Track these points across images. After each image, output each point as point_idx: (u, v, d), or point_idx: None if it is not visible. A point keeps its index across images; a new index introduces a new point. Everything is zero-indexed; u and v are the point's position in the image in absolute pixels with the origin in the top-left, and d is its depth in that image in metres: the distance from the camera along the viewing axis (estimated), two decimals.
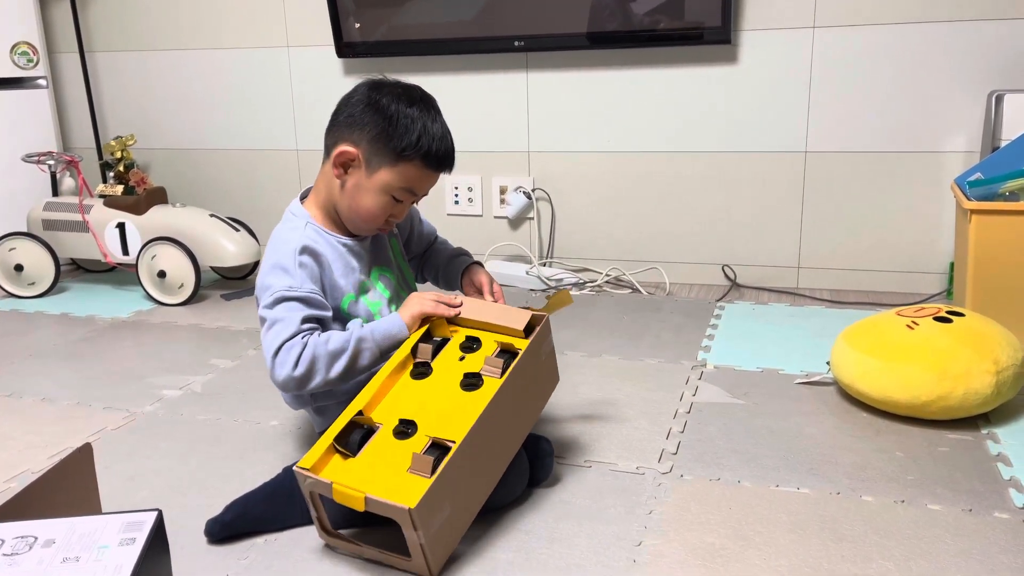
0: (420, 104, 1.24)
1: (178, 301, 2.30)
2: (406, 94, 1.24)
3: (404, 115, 1.21)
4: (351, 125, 1.24)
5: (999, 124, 1.91)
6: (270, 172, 2.72)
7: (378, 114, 1.22)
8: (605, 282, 2.38)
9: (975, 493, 1.20)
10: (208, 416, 1.56)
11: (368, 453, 1.06)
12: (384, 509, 0.99)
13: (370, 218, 1.27)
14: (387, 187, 1.24)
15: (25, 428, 1.53)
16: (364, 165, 1.23)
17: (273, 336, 1.18)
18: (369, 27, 2.43)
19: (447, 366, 1.18)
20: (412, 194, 1.27)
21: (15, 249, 2.39)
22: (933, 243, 2.17)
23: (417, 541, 0.99)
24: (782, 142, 2.23)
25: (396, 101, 1.22)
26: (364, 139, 1.22)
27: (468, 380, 1.14)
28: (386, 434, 1.08)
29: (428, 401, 1.13)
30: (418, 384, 1.16)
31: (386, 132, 1.21)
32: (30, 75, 2.66)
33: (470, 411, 1.08)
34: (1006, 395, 1.40)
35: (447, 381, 1.15)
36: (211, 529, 1.13)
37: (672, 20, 2.18)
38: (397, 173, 1.23)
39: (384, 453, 1.06)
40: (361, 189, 1.25)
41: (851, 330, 1.55)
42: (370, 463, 1.05)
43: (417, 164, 1.23)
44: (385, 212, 1.27)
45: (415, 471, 1.01)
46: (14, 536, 0.83)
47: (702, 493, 1.23)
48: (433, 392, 1.14)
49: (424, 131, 1.22)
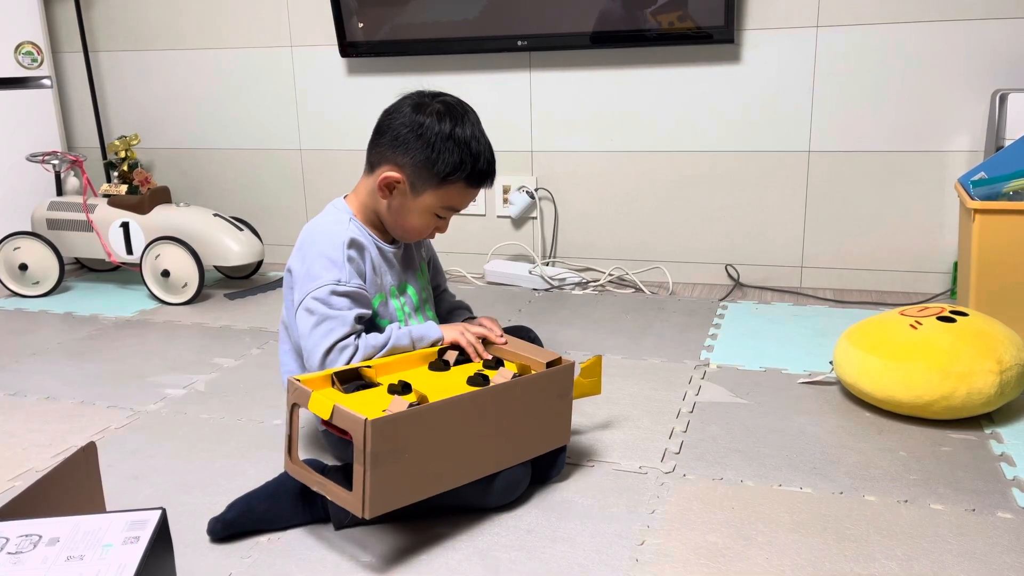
0: (462, 123, 1.26)
1: (182, 300, 2.30)
2: (448, 113, 1.26)
3: (449, 139, 1.24)
4: (395, 148, 1.26)
5: (1003, 123, 1.90)
6: (274, 172, 2.72)
7: (421, 139, 1.24)
8: (608, 281, 2.38)
9: (978, 493, 1.20)
10: (211, 415, 1.56)
11: (358, 395, 1.12)
12: (345, 420, 1.02)
13: (416, 233, 1.32)
14: (431, 208, 1.28)
15: (29, 427, 1.53)
16: (409, 188, 1.27)
17: (325, 331, 1.20)
18: (372, 26, 2.43)
19: (465, 371, 1.24)
20: (454, 210, 1.32)
21: (20, 248, 2.40)
22: (937, 243, 2.17)
23: (362, 470, 1.00)
24: (785, 141, 2.23)
25: (439, 122, 1.25)
26: (408, 164, 1.25)
27: (476, 377, 1.18)
28: (381, 390, 1.15)
29: (433, 383, 1.18)
30: (431, 373, 1.23)
31: (430, 159, 1.24)
32: (34, 75, 2.66)
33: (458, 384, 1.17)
34: (1009, 395, 1.40)
35: (458, 377, 1.21)
36: (213, 528, 1.13)
37: (675, 20, 2.18)
38: (441, 195, 1.27)
39: (373, 399, 1.11)
40: (406, 209, 1.29)
41: (854, 330, 1.55)
42: (356, 400, 1.10)
43: (460, 186, 1.27)
44: (429, 227, 1.32)
45: (389, 411, 1.04)
46: (19, 535, 0.83)
47: (705, 492, 1.23)
48: (441, 380, 1.20)
49: (467, 153, 1.25)
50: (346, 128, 2.60)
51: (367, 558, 1.08)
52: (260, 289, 2.42)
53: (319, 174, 2.68)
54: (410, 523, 1.15)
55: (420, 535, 1.13)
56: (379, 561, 1.08)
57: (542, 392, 1.20)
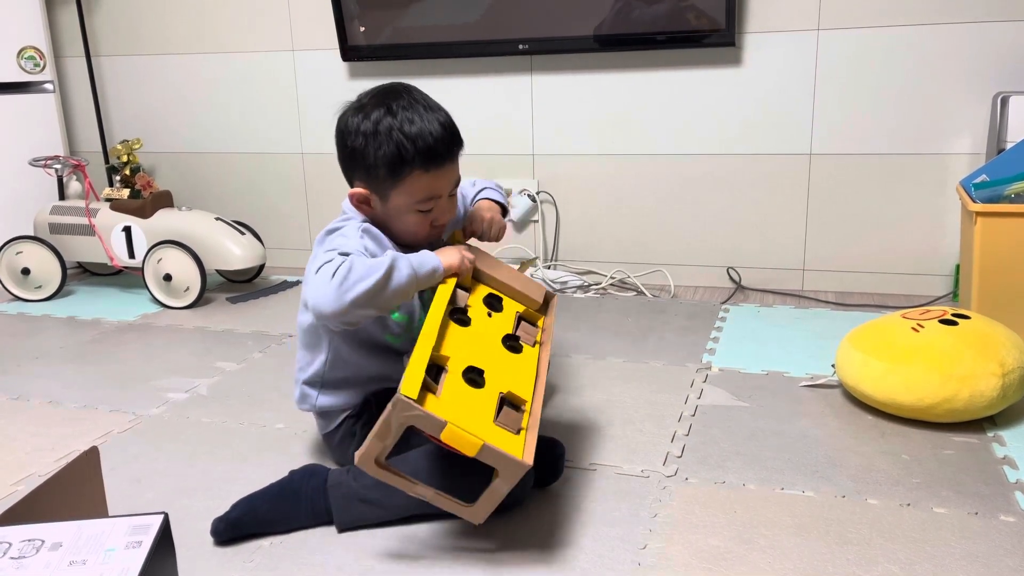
0: (389, 113, 1.20)
1: (184, 304, 2.30)
2: (369, 111, 1.21)
3: (374, 138, 1.19)
4: (346, 164, 1.27)
5: (1004, 126, 1.90)
6: (275, 176, 2.73)
7: (353, 151, 1.22)
8: (610, 285, 2.38)
9: (981, 496, 1.20)
10: (214, 419, 1.56)
11: (448, 395, 1.04)
12: (499, 459, 1.00)
13: (415, 237, 1.28)
14: (407, 206, 1.24)
15: (32, 431, 1.53)
16: (378, 199, 1.25)
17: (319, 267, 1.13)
18: (374, 30, 2.43)
19: (480, 320, 1.22)
20: (434, 198, 1.24)
21: (22, 253, 2.40)
22: (938, 245, 2.17)
23: (501, 492, 1.03)
24: (787, 144, 2.23)
25: (364, 122, 1.20)
26: (362, 177, 1.25)
27: (510, 340, 1.22)
28: (456, 377, 1.08)
29: (482, 351, 1.16)
30: (464, 332, 1.18)
31: (369, 165, 1.21)
32: (37, 79, 2.67)
33: (524, 372, 1.17)
34: (1012, 398, 1.40)
35: (490, 336, 1.21)
36: (217, 528, 1.13)
37: (676, 22, 2.18)
38: (404, 190, 1.22)
39: (462, 397, 1.06)
40: (389, 217, 1.26)
41: (856, 332, 1.55)
42: (455, 405, 1.03)
43: (416, 172, 1.20)
44: (423, 226, 1.27)
45: (503, 425, 1.05)
46: (21, 539, 0.83)
47: (707, 496, 1.23)
48: (483, 344, 1.18)
49: (402, 140, 1.18)
50: None
51: (369, 561, 1.09)
52: (262, 293, 2.42)
53: (321, 178, 2.68)
54: (413, 527, 1.15)
55: (422, 538, 1.13)
56: (382, 564, 1.08)
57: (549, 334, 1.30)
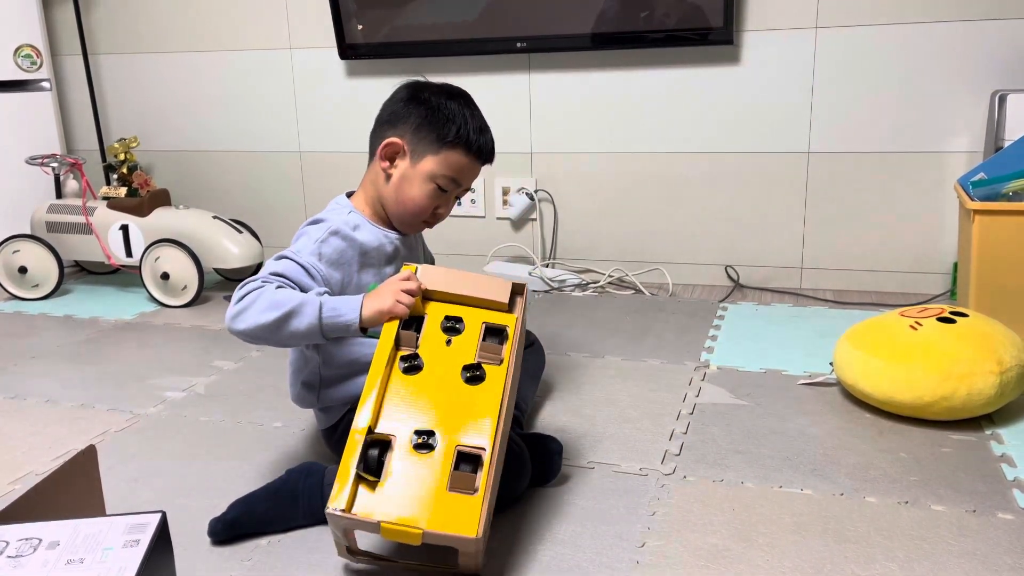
0: (460, 99, 1.30)
1: (181, 303, 2.30)
2: (446, 90, 1.31)
3: (446, 107, 1.27)
4: (394, 120, 1.29)
5: (1002, 124, 1.91)
6: (273, 174, 2.72)
7: (421, 106, 1.27)
8: (608, 283, 2.38)
9: (979, 494, 1.20)
10: (211, 418, 1.56)
11: (394, 475, 1.00)
12: (446, 541, 0.95)
13: (417, 209, 1.29)
14: (432, 175, 1.27)
15: (29, 430, 1.53)
16: (409, 155, 1.27)
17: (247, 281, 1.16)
18: (371, 29, 2.43)
19: (436, 354, 1.10)
20: (456, 184, 1.29)
21: (19, 251, 2.40)
22: (936, 243, 2.17)
23: (469, 564, 1.00)
24: (785, 143, 2.23)
25: (437, 95, 1.29)
26: (408, 130, 1.27)
27: (469, 372, 1.09)
28: (405, 448, 1.02)
29: (434, 402, 1.06)
30: (414, 381, 1.08)
31: (429, 122, 1.26)
32: (34, 78, 2.66)
33: (484, 408, 1.05)
34: (1010, 395, 1.40)
35: (445, 374, 1.08)
36: (214, 528, 1.13)
37: (674, 21, 2.18)
38: (441, 160, 1.26)
39: (410, 471, 1.00)
40: (407, 179, 1.28)
41: (854, 331, 1.55)
42: (400, 486, 0.99)
43: (460, 152, 1.27)
44: (431, 202, 1.29)
45: (457, 490, 0.98)
46: (18, 538, 0.83)
47: (705, 494, 1.23)
48: (435, 390, 1.07)
49: (465, 121, 1.27)
50: (345, 130, 2.60)
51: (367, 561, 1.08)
52: None
53: (318, 176, 2.68)
54: None
55: None
56: (380, 563, 1.08)
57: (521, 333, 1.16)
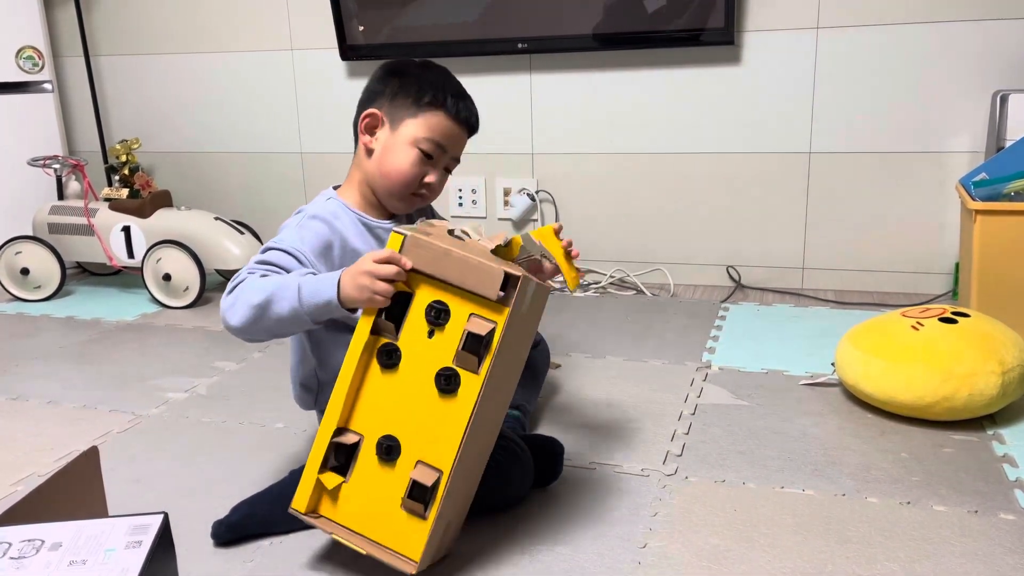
0: (436, 68, 1.29)
1: (183, 304, 2.30)
2: (423, 62, 1.30)
3: (421, 75, 1.26)
4: (371, 96, 1.27)
5: (1004, 124, 1.90)
6: (274, 175, 2.72)
7: (396, 76, 1.26)
8: (609, 284, 2.38)
9: (980, 494, 1.20)
10: (213, 418, 1.56)
11: (358, 477, 1.04)
12: (389, 559, 1.01)
13: (403, 179, 1.23)
14: (414, 139, 1.23)
15: (31, 431, 1.53)
16: (388, 124, 1.24)
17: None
18: (373, 30, 2.43)
19: (416, 349, 1.02)
20: (441, 149, 1.24)
21: (21, 253, 2.40)
22: (938, 244, 2.17)
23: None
24: (786, 143, 2.23)
25: (412, 66, 1.28)
26: (386, 101, 1.25)
27: (444, 379, 1.00)
28: (369, 452, 1.03)
29: (404, 407, 1.02)
30: (390, 381, 1.03)
31: (404, 88, 1.24)
32: (35, 79, 2.67)
33: (451, 424, 0.99)
34: (1011, 396, 1.40)
35: (419, 377, 1.02)
36: (217, 531, 1.13)
37: (675, 21, 2.18)
38: (422, 123, 1.23)
39: (373, 478, 1.03)
40: (389, 148, 1.24)
41: (856, 331, 1.55)
42: (362, 491, 1.04)
43: (440, 114, 1.23)
44: (416, 170, 1.23)
45: (409, 510, 1.00)
46: (21, 539, 0.83)
47: (707, 495, 1.23)
48: (407, 394, 1.02)
49: (442, 85, 1.25)
50: (347, 131, 2.57)
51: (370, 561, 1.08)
52: None
53: (320, 177, 2.68)
54: None
55: None
56: (381, 565, 1.08)
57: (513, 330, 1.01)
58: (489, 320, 0.99)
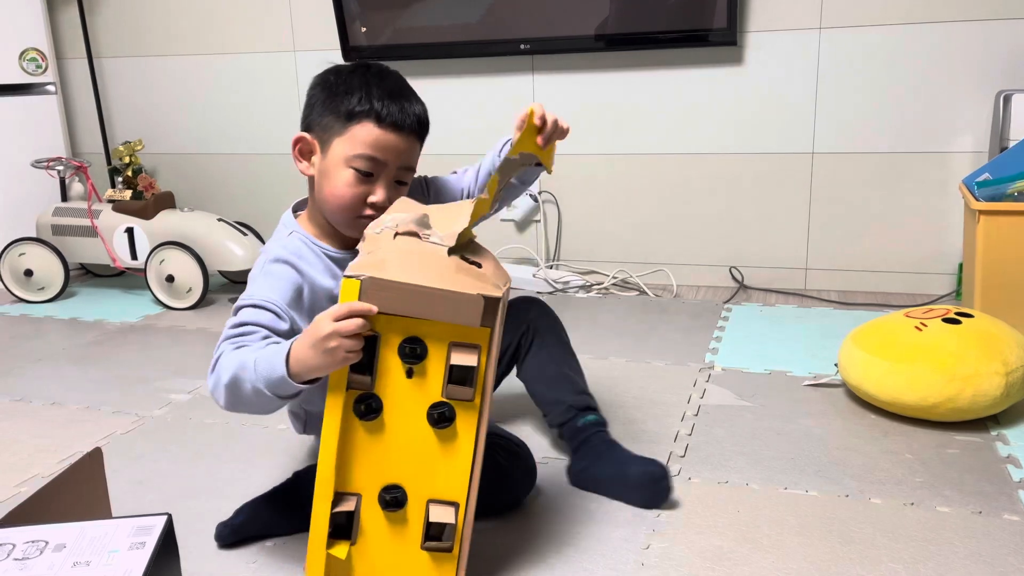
0: (364, 70, 1.14)
1: (186, 305, 2.30)
2: (353, 66, 1.16)
3: (344, 81, 1.12)
4: (305, 116, 1.16)
5: (1007, 124, 1.90)
6: (277, 176, 2.73)
7: (318, 88, 1.14)
8: (612, 284, 2.37)
9: (984, 495, 1.20)
10: (217, 420, 1.56)
11: (366, 535, 0.98)
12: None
13: (342, 203, 1.11)
14: (345, 159, 1.10)
15: (34, 432, 1.53)
16: (319, 147, 1.13)
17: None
18: (375, 31, 2.43)
19: (396, 391, 0.95)
20: (378, 163, 1.11)
21: (24, 254, 2.40)
22: (941, 244, 2.16)
23: None
24: (789, 143, 2.23)
25: (338, 73, 1.15)
26: (315, 120, 1.13)
27: (438, 415, 0.94)
28: (371, 505, 0.97)
29: (399, 451, 0.96)
30: (374, 427, 0.95)
31: (328, 102, 1.12)
32: (39, 81, 2.67)
33: (456, 456, 0.95)
34: (1015, 396, 1.40)
35: (408, 415, 0.95)
36: (221, 533, 1.13)
37: (678, 22, 2.18)
38: (349, 139, 1.10)
39: (381, 531, 0.97)
40: (324, 174, 1.12)
41: (859, 331, 1.55)
42: (373, 548, 0.98)
43: (368, 123, 1.09)
44: (354, 191, 1.11)
45: (432, 548, 0.98)
46: (25, 541, 0.84)
47: (710, 496, 1.23)
48: (398, 436, 0.95)
49: (367, 91, 1.10)
50: None
51: None
52: None
53: None
54: None
55: None
56: None
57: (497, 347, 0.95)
58: (472, 345, 0.93)
